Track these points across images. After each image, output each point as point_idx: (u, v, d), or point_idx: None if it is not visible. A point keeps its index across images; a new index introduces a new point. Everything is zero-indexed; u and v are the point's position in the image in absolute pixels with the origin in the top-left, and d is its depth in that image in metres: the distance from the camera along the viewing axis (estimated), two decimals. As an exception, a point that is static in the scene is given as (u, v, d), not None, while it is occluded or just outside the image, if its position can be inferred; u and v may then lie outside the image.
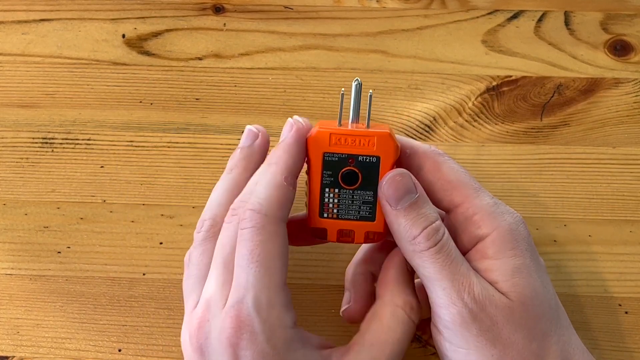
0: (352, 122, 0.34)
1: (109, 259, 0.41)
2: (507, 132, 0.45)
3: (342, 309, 0.36)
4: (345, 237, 0.34)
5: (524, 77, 0.46)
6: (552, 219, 0.42)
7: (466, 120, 0.45)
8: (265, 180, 0.32)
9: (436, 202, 0.33)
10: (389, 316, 0.32)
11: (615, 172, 0.43)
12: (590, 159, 0.44)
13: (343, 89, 0.34)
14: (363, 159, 0.33)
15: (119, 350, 0.39)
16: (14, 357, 0.39)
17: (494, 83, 0.46)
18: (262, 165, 0.33)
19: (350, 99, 0.34)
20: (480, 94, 0.46)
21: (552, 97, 0.46)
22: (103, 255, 0.41)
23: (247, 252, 0.30)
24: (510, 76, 0.46)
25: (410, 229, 0.31)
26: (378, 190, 0.33)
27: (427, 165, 0.33)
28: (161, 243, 0.42)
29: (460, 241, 0.33)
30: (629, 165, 0.44)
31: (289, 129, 0.33)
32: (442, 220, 0.34)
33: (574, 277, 0.41)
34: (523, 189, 0.43)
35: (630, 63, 0.47)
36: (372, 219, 0.33)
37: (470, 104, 0.45)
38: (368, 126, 0.33)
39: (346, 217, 0.33)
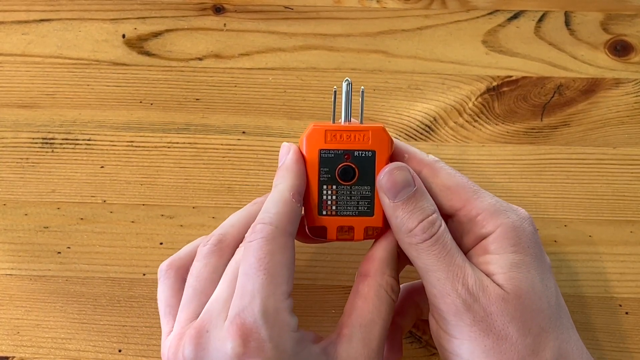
0: (345, 121, 0.34)
1: (109, 259, 0.41)
2: (508, 132, 0.45)
3: None
4: (344, 234, 0.34)
5: (524, 78, 0.46)
6: (553, 219, 0.42)
7: (466, 121, 0.45)
8: (273, 198, 0.32)
9: (437, 208, 0.33)
10: (373, 296, 0.32)
11: (616, 172, 0.43)
12: (591, 159, 0.44)
13: (335, 87, 0.34)
14: (359, 153, 0.33)
15: (119, 351, 0.39)
16: (14, 357, 0.39)
17: (494, 83, 0.46)
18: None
19: (341, 98, 0.34)
20: (481, 94, 0.46)
21: (553, 97, 0.46)
22: (103, 256, 0.41)
23: (255, 260, 0.30)
24: (511, 76, 0.46)
25: (407, 222, 0.32)
26: (376, 184, 0.33)
27: (424, 171, 0.34)
28: (161, 243, 0.42)
29: (465, 242, 0.33)
30: (630, 165, 0.44)
31: (287, 151, 0.34)
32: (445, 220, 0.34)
33: (575, 277, 0.41)
34: (523, 189, 0.43)
35: (630, 63, 0.47)
36: (371, 213, 0.33)
37: (470, 104, 0.45)
38: (361, 122, 0.34)
39: (345, 213, 0.33)
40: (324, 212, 0.33)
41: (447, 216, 0.34)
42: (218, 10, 0.49)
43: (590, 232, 0.42)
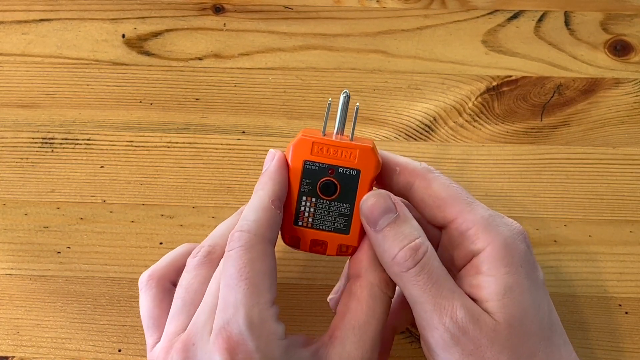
0: (336, 134, 0.33)
1: (109, 259, 0.41)
2: (507, 132, 0.45)
3: (330, 296, 0.36)
4: (317, 247, 0.33)
5: (524, 77, 0.46)
6: (552, 219, 0.42)
7: (466, 121, 0.45)
8: (253, 204, 0.32)
9: (429, 219, 0.33)
10: (366, 296, 0.31)
11: (616, 172, 0.43)
12: (591, 159, 0.44)
13: (330, 99, 0.34)
14: (343, 170, 0.32)
15: (119, 351, 0.39)
16: (14, 357, 0.39)
17: (494, 83, 0.46)
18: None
19: (337, 110, 0.33)
20: (481, 94, 0.46)
21: (552, 97, 0.46)
22: (103, 256, 0.41)
23: (235, 270, 0.29)
24: (510, 76, 0.46)
25: (389, 249, 0.31)
26: (360, 212, 0.32)
27: (417, 182, 0.33)
28: (161, 243, 0.42)
29: (456, 257, 0.33)
30: (629, 165, 0.44)
31: (271, 158, 0.33)
32: (439, 237, 0.34)
33: (574, 277, 0.41)
34: (523, 189, 0.43)
35: (630, 63, 0.47)
36: (347, 232, 0.33)
37: (470, 104, 0.45)
38: (352, 139, 0.33)
39: (321, 227, 0.33)
40: (300, 223, 0.33)
41: (440, 228, 0.33)
42: (218, 10, 0.49)
43: (590, 232, 0.42)
